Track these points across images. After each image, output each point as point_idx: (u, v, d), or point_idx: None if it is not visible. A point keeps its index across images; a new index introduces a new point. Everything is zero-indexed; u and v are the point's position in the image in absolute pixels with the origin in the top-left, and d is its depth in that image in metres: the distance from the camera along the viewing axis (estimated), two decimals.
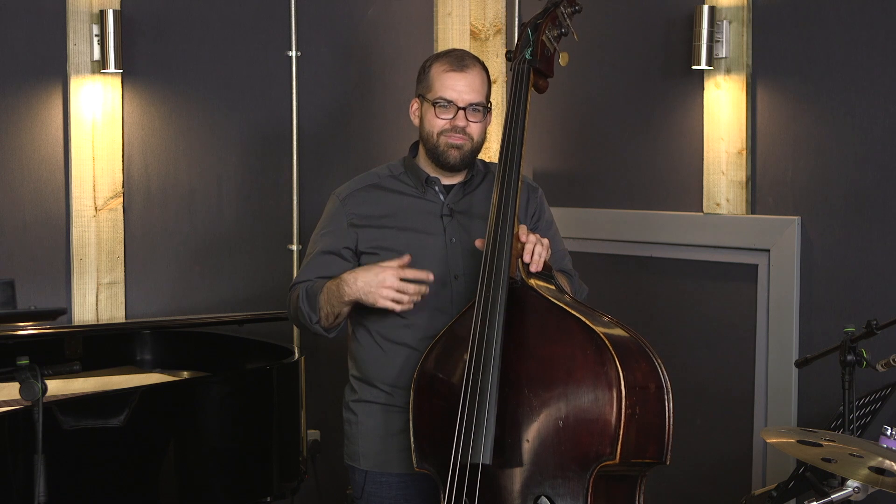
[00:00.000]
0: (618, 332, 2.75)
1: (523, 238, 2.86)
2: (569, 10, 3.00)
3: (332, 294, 2.96)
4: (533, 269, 2.85)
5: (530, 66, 2.98)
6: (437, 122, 3.04)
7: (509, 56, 3.06)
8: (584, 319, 2.73)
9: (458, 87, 3.03)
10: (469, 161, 3.09)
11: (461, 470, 2.76)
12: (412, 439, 2.89)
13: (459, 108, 3.03)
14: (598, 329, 2.71)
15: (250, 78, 4.44)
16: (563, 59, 3.01)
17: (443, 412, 2.84)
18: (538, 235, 2.90)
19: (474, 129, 3.06)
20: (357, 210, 3.10)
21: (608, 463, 2.64)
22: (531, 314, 2.80)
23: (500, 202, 2.89)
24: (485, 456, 2.73)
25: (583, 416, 2.67)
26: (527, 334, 2.78)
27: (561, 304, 2.79)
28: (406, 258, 2.93)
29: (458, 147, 3.05)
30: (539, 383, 2.73)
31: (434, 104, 3.03)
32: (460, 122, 3.03)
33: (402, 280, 2.90)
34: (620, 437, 2.62)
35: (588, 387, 2.68)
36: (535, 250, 2.85)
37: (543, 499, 2.70)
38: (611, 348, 2.67)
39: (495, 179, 2.94)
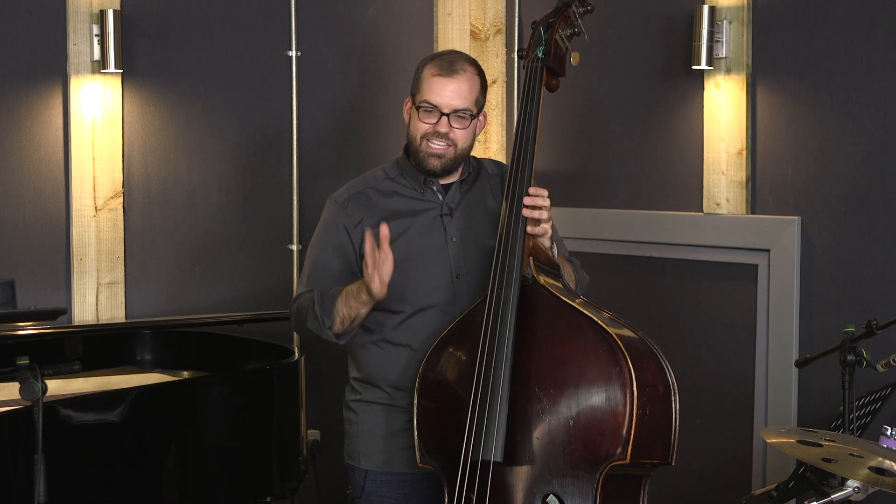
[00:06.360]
0: (627, 332, 2.77)
1: (532, 191, 2.87)
2: (581, 9, 2.99)
3: (352, 295, 2.93)
4: (527, 215, 2.86)
5: (543, 64, 2.98)
6: (421, 126, 3.02)
7: (521, 54, 3.06)
8: (596, 319, 2.74)
9: (444, 92, 3.00)
10: (451, 168, 3.07)
11: (471, 466, 2.76)
12: (416, 435, 2.88)
13: (443, 114, 3.00)
14: (611, 329, 2.72)
15: (250, 78, 4.44)
16: (574, 59, 3.01)
17: (449, 408, 2.84)
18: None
19: (458, 135, 3.03)
20: (356, 214, 3.09)
21: (618, 463, 2.65)
22: (542, 312, 2.81)
23: (511, 200, 2.89)
24: (496, 453, 2.73)
25: (594, 416, 2.68)
26: (537, 332, 2.79)
27: (572, 304, 2.80)
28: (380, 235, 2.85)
29: (438, 156, 3.03)
30: (550, 381, 2.74)
31: (419, 107, 3.02)
32: (442, 128, 3.01)
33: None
34: (632, 437, 2.63)
35: (600, 387, 2.68)
36: (539, 203, 2.86)
37: (552, 497, 2.70)
38: (623, 349, 2.68)
39: (507, 177, 2.94)
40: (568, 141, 4.48)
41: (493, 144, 4.65)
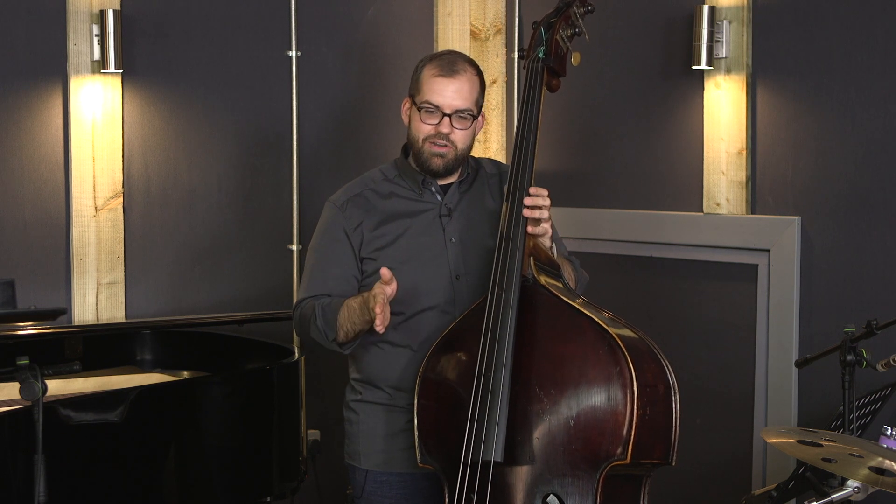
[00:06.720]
0: (627, 332, 2.77)
1: (533, 191, 2.87)
2: (581, 10, 2.99)
3: (355, 313, 2.93)
4: (527, 215, 2.85)
5: (544, 65, 2.98)
6: (423, 128, 3.03)
7: (521, 54, 3.06)
8: (596, 319, 2.74)
9: (445, 93, 3.00)
10: (453, 168, 3.08)
11: (471, 467, 2.76)
12: (416, 435, 2.88)
13: (445, 115, 3.01)
14: (611, 329, 2.72)
15: (250, 78, 4.44)
16: (575, 59, 3.01)
17: (449, 409, 2.85)
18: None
19: (458, 136, 3.03)
20: (355, 216, 3.09)
21: (619, 463, 2.65)
22: (542, 313, 2.81)
23: (512, 200, 2.89)
24: (497, 453, 2.74)
25: (594, 416, 2.68)
26: (537, 333, 2.79)
27: (573, 304, 2.80)
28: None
29: (440, 155, 3.03)
30: (550, 381, 2.74)
31: (420, 108, 3.02)
32: (444, 129, 3.02)
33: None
34: (632, 437, 2.63)
35: (600, 387, 2.69)
36: (539, 203, 2.86)
37: (552, 497, 2.70)
38: (623, 349, 2.68)
39: (508, 177, 2.94)
40: (568, 141, 4.48)
41: (493, 144, 4.65)
